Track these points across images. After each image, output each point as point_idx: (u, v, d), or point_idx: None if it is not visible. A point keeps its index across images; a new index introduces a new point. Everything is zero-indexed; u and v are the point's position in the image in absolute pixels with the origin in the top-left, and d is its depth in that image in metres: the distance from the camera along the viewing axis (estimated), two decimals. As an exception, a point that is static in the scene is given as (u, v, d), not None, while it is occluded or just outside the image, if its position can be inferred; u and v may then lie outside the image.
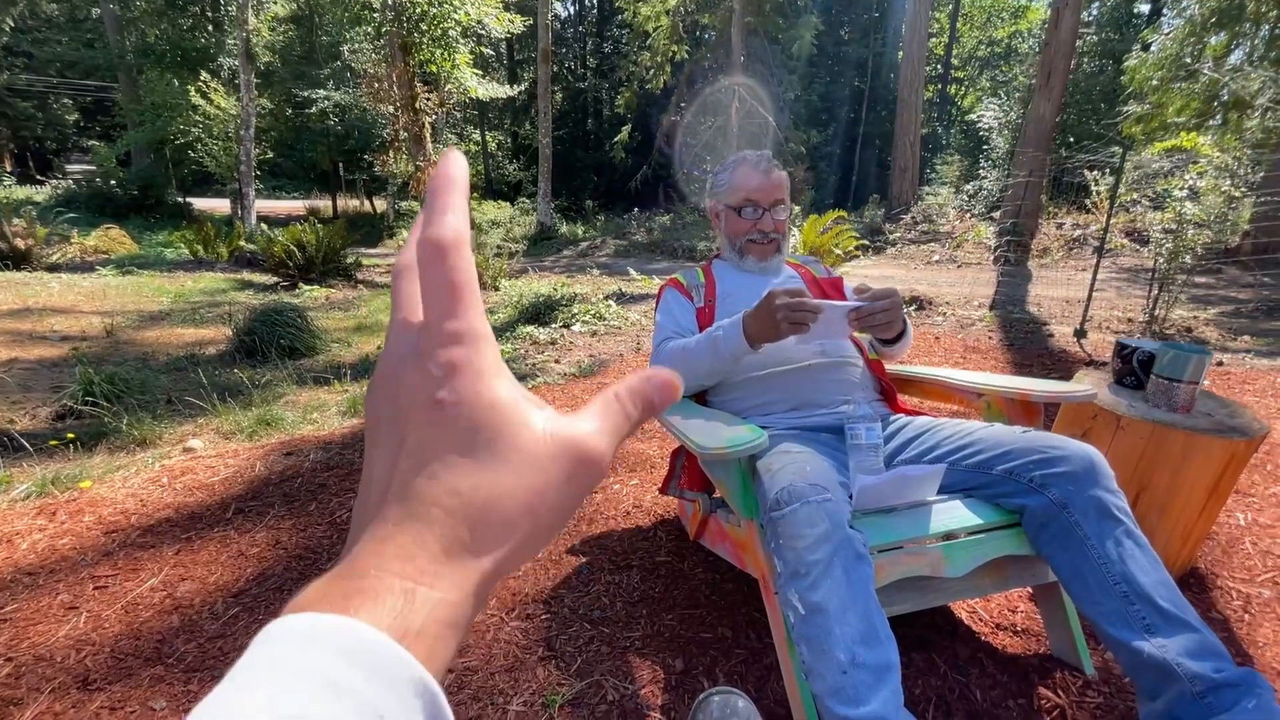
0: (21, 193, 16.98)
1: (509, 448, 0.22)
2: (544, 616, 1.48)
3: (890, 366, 1.64)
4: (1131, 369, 1.63)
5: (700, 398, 1.52)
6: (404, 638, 0.18)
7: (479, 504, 0.21)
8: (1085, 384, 1.34)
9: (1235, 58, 8.59)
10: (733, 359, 1.33)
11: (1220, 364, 3.64)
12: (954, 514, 1.17)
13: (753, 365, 1.43)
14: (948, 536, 1.15)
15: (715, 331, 1.34)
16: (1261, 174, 6.37)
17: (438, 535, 0.21)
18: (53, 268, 7.88)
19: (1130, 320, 4.99)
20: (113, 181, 16.37)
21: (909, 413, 1.46)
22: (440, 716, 0.18)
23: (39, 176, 20.84)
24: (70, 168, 23.61)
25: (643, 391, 0.26)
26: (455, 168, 0.24)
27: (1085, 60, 14.88)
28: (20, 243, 7.69)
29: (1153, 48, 9.43)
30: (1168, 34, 8.94)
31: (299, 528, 1.89)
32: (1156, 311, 4.49)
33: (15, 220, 7.95)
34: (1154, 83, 8.43)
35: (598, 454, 0.24)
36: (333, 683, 0.17)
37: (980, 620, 1.42)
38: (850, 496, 1.14)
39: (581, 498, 0.24)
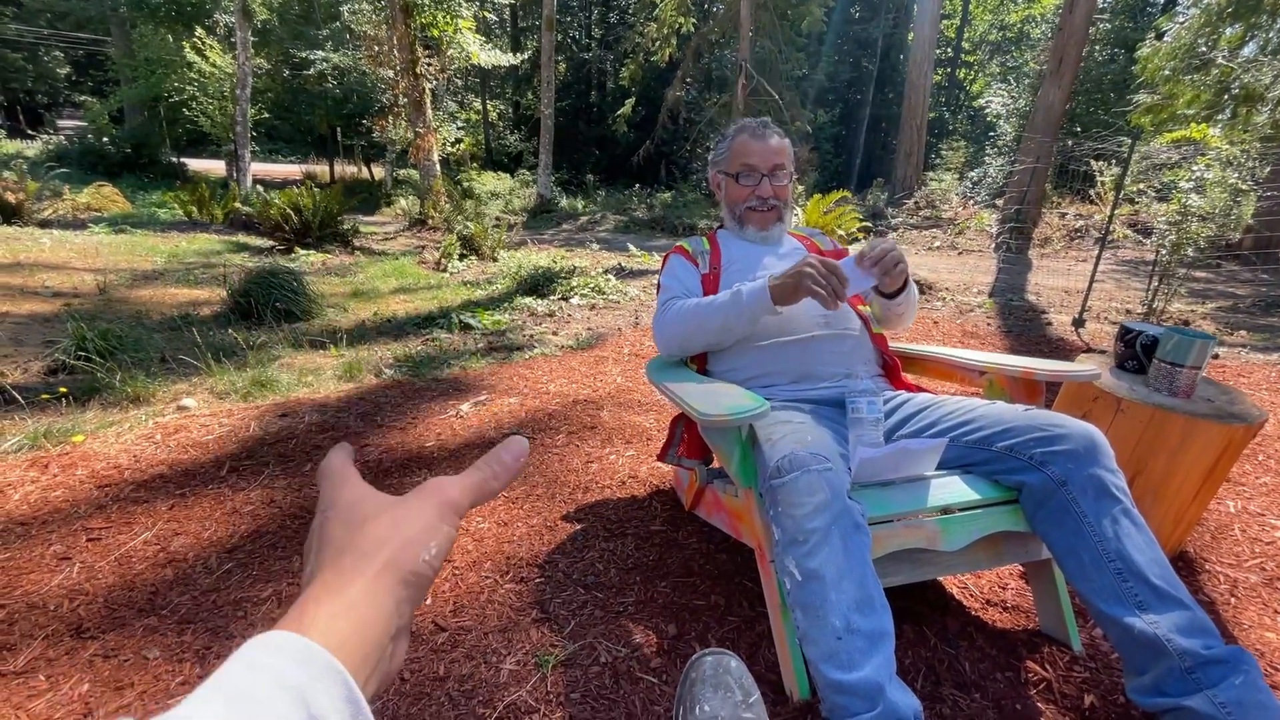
0: (11, 147, 16.63)
1: (366, 510, 0.34)
2: (538, 580, 1.48)
3: (893, 344, 1.63)
4: (1134, 353, 1.63)
5: (701, 367, 1.51)
6: (311, 634, 0.27)
7: (352, 539, 0.32)
8: (1087, 365, 1.33)
9: (1249, 50, 8.47)
10: (751, 317, 1.33)
11: (1216, 357, 3.65)
12: (952, 489, 1.17)
13: (757, 334, 1.42)
14: (945, 511, 1.15)
15: (739, 286, 1.35)
16: (1268, 169, 6.33)
17: (327, 574, 0.30)
18: (44, 223, 7.75)
19: (1129, 312, 4.99)
20: (105, 138, 15.99)
21: (910, 389, 1.46)
22: (354, 698, 0.25)
23: (29, 131, 20.37)
24: (62, 123, 23.10)
25: (496, 455, 0.37)
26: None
27: (1097, 48, 14.69)
28: (11, 197, 7.55)
29: (1166, 37, 9.28)
30: (1182, 23, 8.79)
31: (294, 488, 1.89)
32: (1155, 304, 4.50)
33: (6, 174, 7.80)
34: (1165, 73, 8.32)
35: (444, 488, 0.35)
36: (252, 663, 0.24)
37: (971, 595, 1.44)
38: (850, 468, 1.14)
39: (431, 507, 0.34)
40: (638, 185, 16.36)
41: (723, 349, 1.47)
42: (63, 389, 2.54)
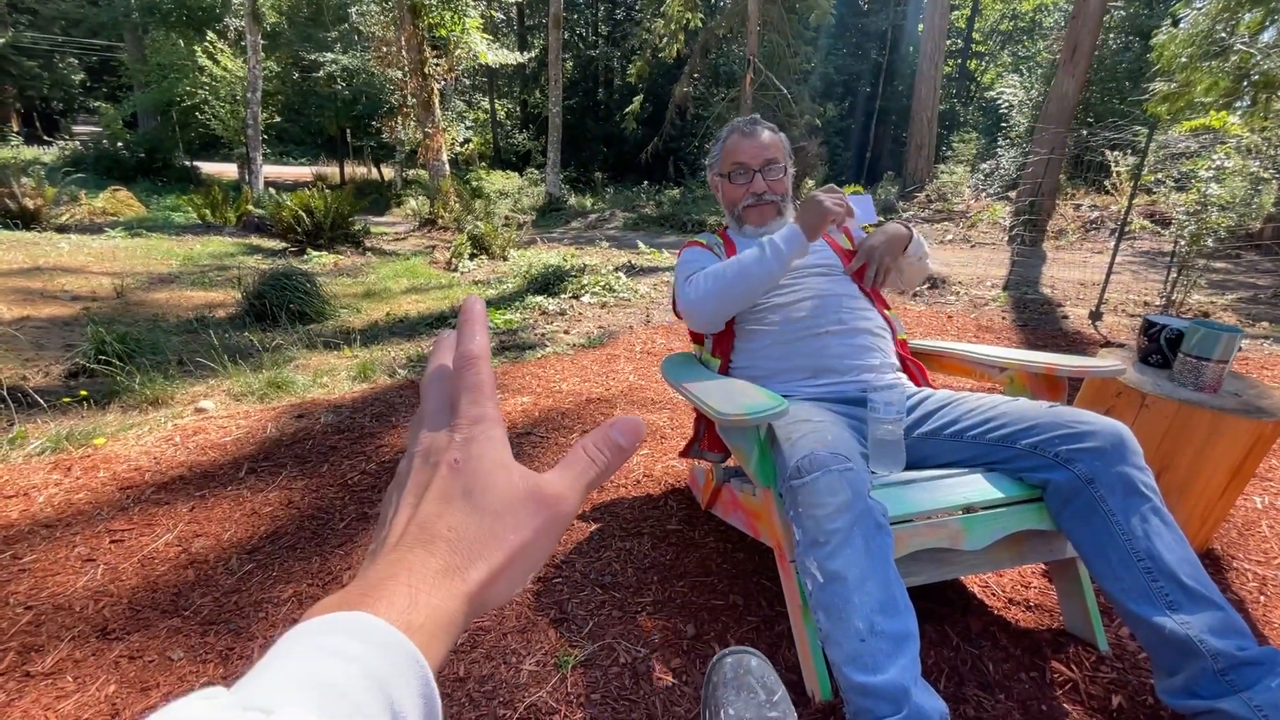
0: (29, 153, 16.87)
1: (497, 500, 0.29)
2: (555, 581, 1.48)
3: (912, 341, 1.61)
4: (1158, 347, 1.60)
5: (722, 366, 1.50)
6: (407, 629, 0.24)
7: (469, 539, 0.28)
8: (1111, 360, 1.31)
9: (1269, 35, 8.31)
10: (787, 259, 1.34)
11: (1239, 349, 3.59)
12: (975, 487, 1.16)
13: (771, 329, 1.41)
14: (968, 509, 1.14)
15: (762, 240, 1.38)
16: (1290, 156, 6.20)
17: (439, 559, 0.27)
18: (62, 228, 7.86)
19: (1147, 304, 4.91)
20: (119, 143, 16.21)
21: (930, 385, 1.44)
22: (430, 694, 0.23)
23: (45, 137, 20.66)
24: (77, 129, 23.40)
25: (607, 437, 0.32)
26: (478, 306, 0.33)
27: (1112, 36, 14.45)
28: (30, 202, 7.67)
29: (1183, 23, 9.12)
30: (1200, 9, 8.63)
31: (311, 488, 1.90)
32: (1174, 296, 4.42)
33: (24, 180, 7.92)
34: (1182, 60, 8.16)
35: (555, 495, 0.30)
36: (342, 652, 0.21)
37: (993, 595, 1.42)
38: (870, 468, 1.13)
39: (551, 534, 0.30)
40: (646, 182, 16.31)
41: (741, 343, 1.46)
42: (83, 392, 2.58)
